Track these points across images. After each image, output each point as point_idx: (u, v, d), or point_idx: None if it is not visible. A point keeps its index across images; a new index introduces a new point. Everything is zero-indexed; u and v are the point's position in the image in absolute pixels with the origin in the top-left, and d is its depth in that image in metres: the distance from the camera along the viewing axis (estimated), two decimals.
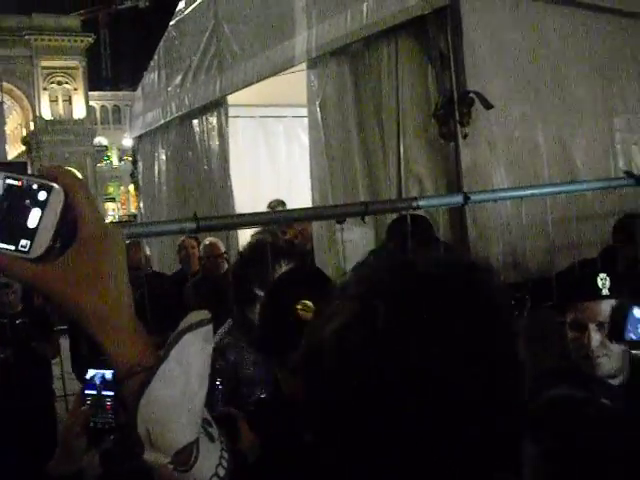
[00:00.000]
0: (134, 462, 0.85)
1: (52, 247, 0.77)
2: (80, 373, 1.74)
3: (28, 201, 0.76)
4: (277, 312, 1.59)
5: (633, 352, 1.66)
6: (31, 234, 0.76)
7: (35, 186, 0.77)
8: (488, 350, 0.75)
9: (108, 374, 1.67)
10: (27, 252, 0.76)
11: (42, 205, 0.76)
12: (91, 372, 1.71)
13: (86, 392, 1.68)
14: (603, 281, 2.05)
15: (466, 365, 0.72)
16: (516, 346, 0.78)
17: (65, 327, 4.91)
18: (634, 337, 1.36)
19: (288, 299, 1.57)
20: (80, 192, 0.79)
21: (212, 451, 0.87)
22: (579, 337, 2.08)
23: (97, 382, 1.68)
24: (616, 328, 1.41)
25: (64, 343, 4.84)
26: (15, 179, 0.76)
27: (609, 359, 2.03)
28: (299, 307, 1.53)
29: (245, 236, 5.82)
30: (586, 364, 2.07)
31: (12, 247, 0.75)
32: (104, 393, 1.66)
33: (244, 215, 3.63)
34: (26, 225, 0.76)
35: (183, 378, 0.82)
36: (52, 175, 0.78)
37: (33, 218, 0.76)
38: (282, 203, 6.27)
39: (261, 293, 2.41)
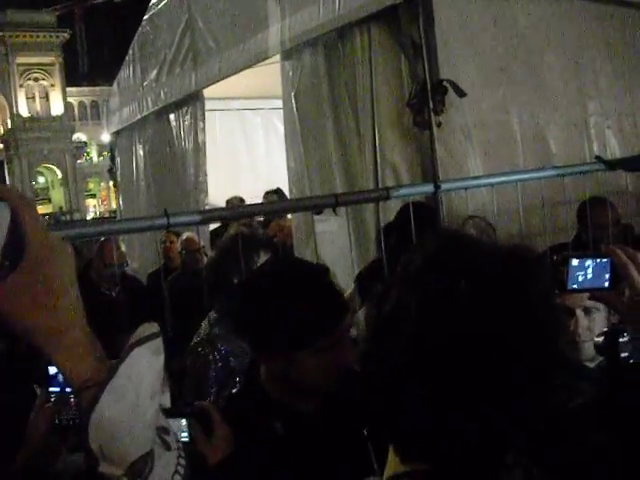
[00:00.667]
0: None
1: (0, 266, 0.74)
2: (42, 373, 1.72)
3: None
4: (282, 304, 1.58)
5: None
6: None
7: None
8: (547, 316, 0.89)
9: None
10: None
11: None
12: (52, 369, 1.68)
13: (50, 390, 1.67)
14: None
15: (532, 331, 0.86)
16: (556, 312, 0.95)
17: None
18: (575, 286, 1.50)
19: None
20: (26, 209, 0.77)
21: (168, 460, 0.87)
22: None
23: (60, 379, 1.66)
24: (560, 280, 1.50)
25: None
26: None
27: (593, 344, 2.06)
28: None
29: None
30: (570, 348, 2.09)
31: None
32: (68, 390, 1.64)
33: (215, 210, 3.61)
34: None
35: (133, 392, 0.82)
36: None
37: None
38: (241, 200, 6.28)
39: None
